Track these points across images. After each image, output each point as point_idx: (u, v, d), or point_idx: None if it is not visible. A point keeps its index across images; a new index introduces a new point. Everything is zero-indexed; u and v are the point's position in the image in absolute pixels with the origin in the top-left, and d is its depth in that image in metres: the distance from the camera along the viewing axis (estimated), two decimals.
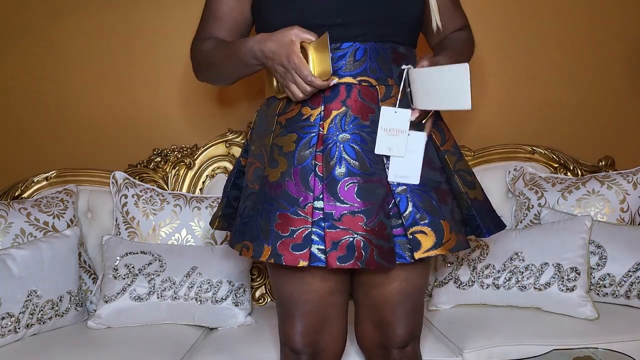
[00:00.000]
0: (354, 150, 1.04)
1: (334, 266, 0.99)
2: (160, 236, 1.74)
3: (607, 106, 2.12)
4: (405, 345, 1.17)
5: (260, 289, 1.92)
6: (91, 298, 1.73)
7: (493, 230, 1.15)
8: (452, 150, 1.14)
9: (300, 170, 1.04)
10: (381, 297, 1.13)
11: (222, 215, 1.26)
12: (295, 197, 1.03)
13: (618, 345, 1.38)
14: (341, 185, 1.02)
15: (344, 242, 1.00)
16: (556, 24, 2.07)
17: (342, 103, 1.05)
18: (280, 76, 1.04)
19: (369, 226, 1.00)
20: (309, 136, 1.05)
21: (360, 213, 1.01)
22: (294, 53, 0.99)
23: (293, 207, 1.02)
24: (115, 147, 1.99)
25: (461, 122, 2.02)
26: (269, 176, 1.07)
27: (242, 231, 1.10)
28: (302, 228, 1.01)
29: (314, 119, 1.05)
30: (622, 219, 1.78)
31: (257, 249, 1.03)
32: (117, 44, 1.97)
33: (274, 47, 1.01)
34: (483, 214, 1.14)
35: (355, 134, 1.04)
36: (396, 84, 1.09)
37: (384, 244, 1.01)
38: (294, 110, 1.08)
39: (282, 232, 1.02)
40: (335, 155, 1.03)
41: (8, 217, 1.65)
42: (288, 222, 1.02)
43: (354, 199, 1.01)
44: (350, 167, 1.03)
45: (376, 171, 1.04)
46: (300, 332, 1.13)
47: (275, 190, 1.04)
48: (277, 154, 1.07)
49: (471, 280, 1.65)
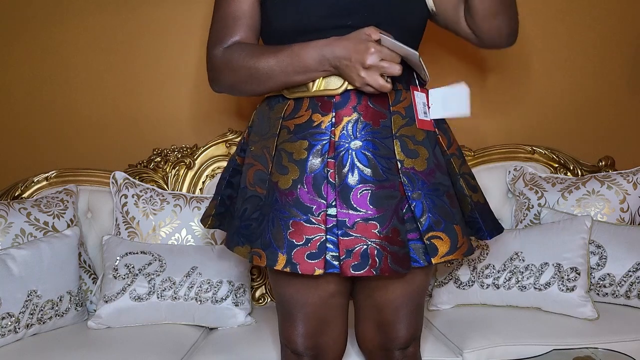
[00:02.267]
0: (366, 157, 1.03)
1: (348, 274, 0.99)
2: (160, 236, 1.74)
3: (607, 106, 2.12)
4: (407, 346, 1.17)
5: (260, 289, 1.92)
6: (91, 298, 1.73)
7: (494, 233, 1.16)
8: (457, 154, 1.15)
9: (312, 178, 1.03)
10: (384, 299, 1.13)
11: (215, 214, 1.24)
12: (309, 205, 1.02)
13: (618, 345, 1.38)
14: (354, 192, 1.01)
15: (357, 249, 0.99)
16: (556, 25, 2.07)
17: (354, 109, 1.04)
18: (362, 72, 0.99)
19: (383, 233, 1.00)
20: (320, 143, 1.04)
21: (373, 220, 1.00)
22: (369, 41, 0.97)
23: (306, 215, 1.01)
24: (115, 147, 1.99)
25: (461, 122, 2.00)
26: (278, 183, 1.05)
27: (244, 235, 1.08)
28: (317, 236, 1.01)
29: (325, 125, 1.04)
30: (622, 219, 1.78)
31: (271, 257, 1.02)
32: (117, 44, 1.97)
33: (349, 44, 0.99)
34: (485, 216, 1.15)
35: (367, 141, 1.03)
36: (404, 89, 1.08)
37: (398, 250, 1.00)
38: (304, 116, 1.06)
39: (296, 241, 1.01)
40: (347, 163, 1.02)
41: (8, 217, 1.65)
42: (302, 231, 1.01)
43: (367, 206, 1.01)
44: (362, 174, 1.02)
45: (389, 177, 1.03)
46: (302, 335, 1.13)
47: (287, 198, 1.03)
48: (286, 161, 1.05)
49: (471, 280, 1.65)
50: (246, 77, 1.09)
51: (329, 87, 1.05)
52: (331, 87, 1.05)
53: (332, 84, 1.05)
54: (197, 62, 1.98)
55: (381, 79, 0.98)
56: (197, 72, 1.98)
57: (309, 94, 1.07)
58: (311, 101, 1.07)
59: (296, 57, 1.03)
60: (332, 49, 1.00)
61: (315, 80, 1.06)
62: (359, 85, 1.01)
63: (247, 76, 1.09)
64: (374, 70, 0.98)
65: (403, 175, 1.04)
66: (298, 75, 1.05)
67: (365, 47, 0.97)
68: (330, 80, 1.05)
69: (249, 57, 1.08)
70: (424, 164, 1.06)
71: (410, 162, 1.05)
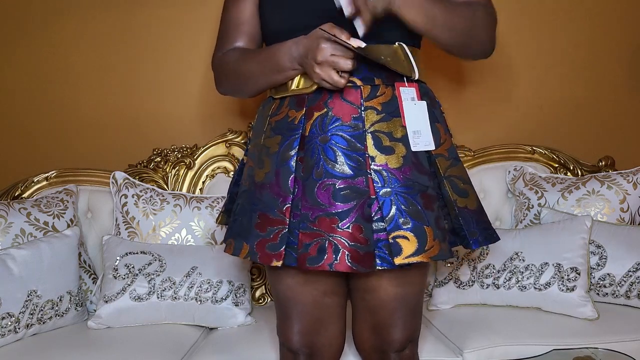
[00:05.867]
0: (333, 152, 1.03)
1: (303, 268, 1.00)
2: (160, 236, 1.74)
3: (607, 106, 2.12)
4: (403, 349, 1.15)
5: (260, 289, 1.92)
6: (91, 298, 1.73)
7: (481, 242, 1.10)
8: (446, 155, 1.11)
9: (281, 172, 1.05)
10: (376, 302, 1.12)
11: (225, 211, 1.29)
12: (276, 197, 1.04)
13: (618, 345, 1.38)
14: (318, 186, 1.01)
15: (315, 244, 0.99)
16: (556, 25, 2.07)
17: (324, 104, 1.05)
18: (316, 68, 1.01)
19: (343, 229, 0.99)
20: (292, 138, 1.06)
21: (335, 215, 1.00)
22: (322, 37, 0.99)
23: (272, 208, 1.04)
24: (116, 147, 1.99)
25: (461, 122, 2.02)
26: (255, 176, 1.09)
27: (230, 228, 1.13)
28: (279, 228, 1.02)
29: (298, 121, 1.06)
30: (622, 219, 1.78)
31: (237, 247, 1.07)
32: (117, 44, 1.97)
33: (307, 42, 1.02)
34: (471, 223, 1.10)
35: (336, 135, 1.03)
36: (384, 84, 1.07)
37: (359, 248, 0.99)
38: (282, 113, 1.09)
39: (260, 232, 1.04)
40: (314, 157, 1.03)
41: (8, 217, 1.65)
42: (267, 222, 1.04)
43: (330, 200, 1.00)
44: (328, 169, 1.02)
45: (356, 173, 1.02)
46: (297, 333, 1.14)
47: (260, 191, 1.07)
48: (264, 155, 1.09)
49: (471, 280, 1.65)
50: (235, 79, 1.18)
51: (305, 86, 1.07)
52: (306, 85, 1.07)
53: (307, 82, 1.07)
54: (197, 63, 1.98)
55: (335, 75, 0.99)
56: (197, 73, 1.98)
57: (288, 93, 1.10)
58: (291, 99, 1.10)
59: (272, 57, 1.08)
60: (296, 47, 1.04)
61: (294, 80, 1.08)
62: (317, 81, 1.03)
63: (236, 79, 1.18)
64: (326, 66, 0.99)
65: (373, 172, 1.02)
66: (275, 75, 1.09)
67: (317, 43, 0.99)
68: (307, 79, 1.07)
69: (238, 61, 1.16)
70: (398, 161, 1.03)
71: (382, 159, 1.03)
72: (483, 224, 1.13)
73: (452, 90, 2.05)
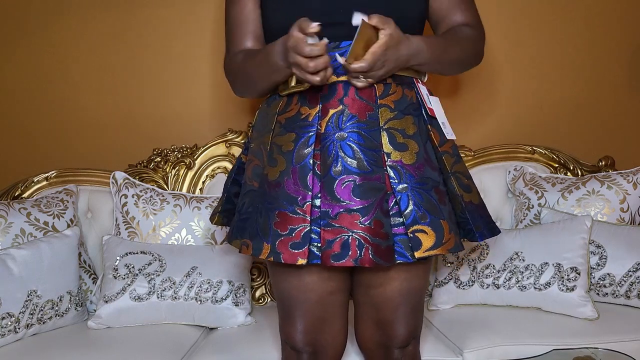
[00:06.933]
0: (351, 149, 1.04)
1: (328, 264, 1.00)
2: (160, 236, 1.74)
3: (607, 106, 2.12)
4: (406, 345, 1.17)
5: (260, 289, 1.92)
6: (91, 298, 1.73)
7: (486, 235, 1.14)
8: (451, 152, 1.14)
9: (298, 169, 1.04)
10: (382, 297, 1.13)
11: (222, 211, 1.27)
12: (294, 195, 1.03)
13: (618, 345, 1.38)
14: (338, 183, 1.02)
15: (338, 240, 1.00)
16: (556, 25, 2.07)
17: (340, 101, 1.06)
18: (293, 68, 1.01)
19: (365, 224, 1.00)
20: (307, 135, 1.05)
21: (356, 211, 1.01)
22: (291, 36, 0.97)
23: (292, 206, 1.03)
24: (116, 147, 1.99)
25: (461, 122, 2.02)
26: (268, 175, 1.07)
27: (240, 228, 1.11)
28: (301, 226, 1.02)
29: (312, 118, 1.06)
30: (622, 219, 1.78)
31: (257, 247, 1.05)
32: (117, 45, 1.97)
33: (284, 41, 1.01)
34: (477, 217, 1.14)
35: (353, 132, 1.04)
36: (394, 82, 1.09)
37: (381, 242, 1.01)
38: (293, 110, 1.09)
39: (281, 231, 1.03)
40: (332, 154, 1.03)
41: (8, 217, 1.65)
42: (287, 221, 1.03)
43: (351, 197, 1.01)
44: (346, 165, 1.03)
45: (374, 169, 1.04)
46: (301, 331, 1.14)
47: (275, 189, 1.05)
48: (276, 153, 1.08)
49: (471, 280, 1.65)
50: (244, 82, 1.19)
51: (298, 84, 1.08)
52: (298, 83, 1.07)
53: None
54: (197, 63, 1.98)
55: (308, 74, 0.99)
56: (198, 73, 1.98)
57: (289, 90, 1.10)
58: (300, 95, 1.09)
59: (267, 57, 1.08)
60: (280, 46, 1.04)
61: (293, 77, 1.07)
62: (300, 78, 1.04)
63: (244, 81, 1.19)
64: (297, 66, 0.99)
65: (389, 168, 1.04)
66: (274, 73, 1.09)
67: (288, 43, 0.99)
68: None
69: (242, 63, 1.16)
70: (412, 158, 1.06)
71: (397, 155, 1.05)
72: (486, 218, 1.17)
73: (452, 90, 2.05)
